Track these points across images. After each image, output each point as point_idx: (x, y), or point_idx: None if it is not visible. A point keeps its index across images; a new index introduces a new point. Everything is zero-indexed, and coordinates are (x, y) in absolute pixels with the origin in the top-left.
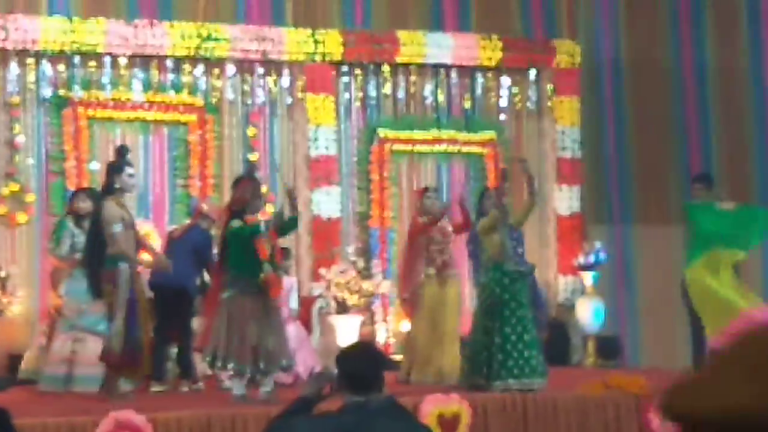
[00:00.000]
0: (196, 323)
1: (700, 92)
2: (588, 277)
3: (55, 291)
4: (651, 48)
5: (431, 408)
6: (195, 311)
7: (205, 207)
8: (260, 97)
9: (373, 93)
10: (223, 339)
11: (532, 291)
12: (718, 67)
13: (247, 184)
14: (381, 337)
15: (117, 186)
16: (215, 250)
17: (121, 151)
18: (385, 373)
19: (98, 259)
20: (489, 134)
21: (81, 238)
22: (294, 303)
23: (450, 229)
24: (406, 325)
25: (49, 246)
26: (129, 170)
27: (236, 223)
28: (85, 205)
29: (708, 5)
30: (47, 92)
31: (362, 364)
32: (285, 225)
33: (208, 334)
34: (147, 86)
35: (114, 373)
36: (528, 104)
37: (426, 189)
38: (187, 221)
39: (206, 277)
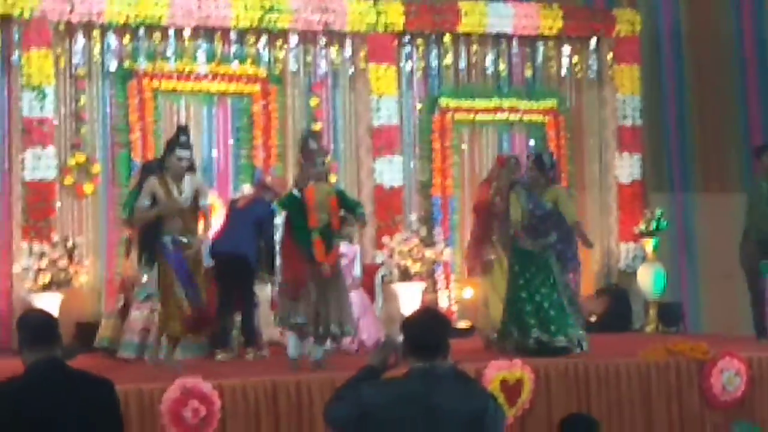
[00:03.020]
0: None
1: (761, 61)
2: (649, 244)
3: (128, 260)
4: (711, 16)
5: (494, 373)
6: (257, 279)
7: (269, 179)
8: (323, 67)
9: (434, 63)
10: (287, 299)
11: (563, 257)
12: None
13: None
14: (443, 304)
15: (166, 165)
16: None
17: (178, 132)
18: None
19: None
20: (550, 103)
21: None
22: (357, 271)
23: None
24: (468, 292)
25: (123, 216)
26: (180, 152)
27: (292, 193)
28: None
29: None
30: (112, 64)
31: (427, 330)
32: (351, 209)
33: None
34: (211, 58)
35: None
36: (589, 73)
37: (509, 159)
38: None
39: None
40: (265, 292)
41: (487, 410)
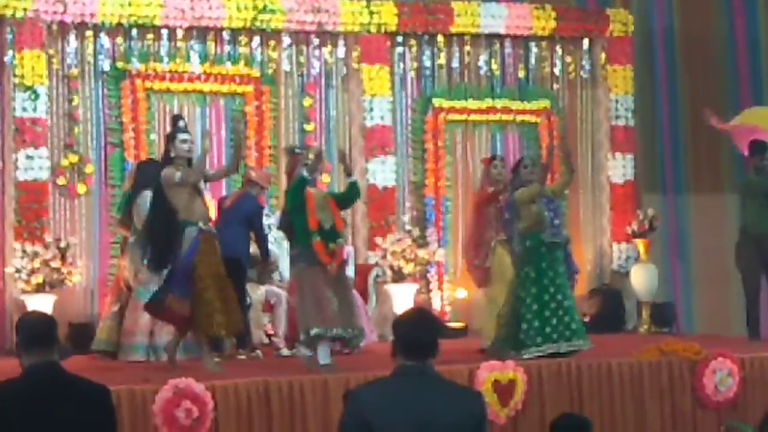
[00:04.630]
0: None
1: (753, 61)
2: (642, 245)
3: (127, 261)
4: (704, 17)
5: (487, 375)
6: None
7: (253, 174)
8: (316, 68)
9: (427, 63)
10: (301, 312)
11: (567, 261)
12: None
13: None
14: (436, 304)
15: (172, 154)
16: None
17: (174, 120)
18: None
19: (164, 229)
20: (543, 103)
21: None
22: (350, 272)
23: None
24: (461, 293)
25: (117, 216)
26: (181, 136)
27: (303, 176)
28: None
29: None
30: (105, 65)
31: (418, 330)
32: (345, 195)
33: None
34: (204, 58)
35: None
36: (582, 73)
37: (493, 158)
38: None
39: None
40: (257, 293)
41: (481, 412)
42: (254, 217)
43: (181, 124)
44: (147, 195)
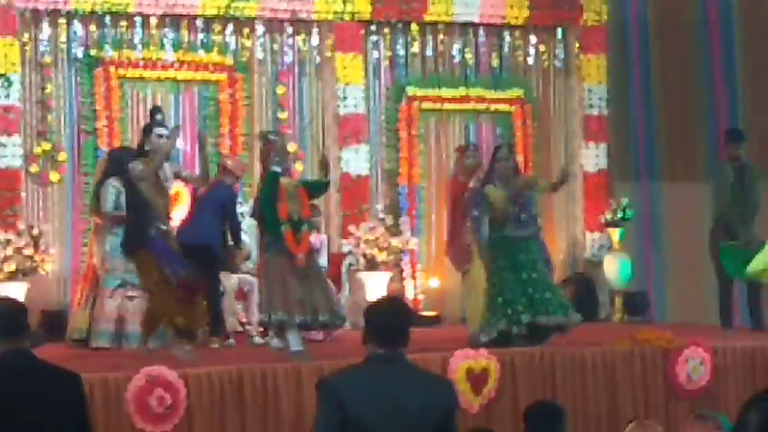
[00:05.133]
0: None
1: (726, 50)
2: (615, 234)
3: (97, 248)
4: (677, 5)
5: (460, 363)
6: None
7: (229, 162)
8: (289, 56)
9: (401, 52)
10: (266, 296)
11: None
12: (744, 22)
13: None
14: (409, 293)
15: (147, 147)
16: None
17: (152, 112)
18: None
19: (135, 215)
20: (517, 92)
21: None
22: (324, 260)
23: None
24: (434, 282)
25: (92, 204)
26: (158, 130)
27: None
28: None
29: None
30: (79, 52)
31: (390, 317)
32: (316, 188)
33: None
34: (177, 46)
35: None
36: (555, 62)
37: (467, 147)
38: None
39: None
40: (231, 281)
41: (452, 401)
42: (228, 205)
43: (158, 117)
44: (111, 183)
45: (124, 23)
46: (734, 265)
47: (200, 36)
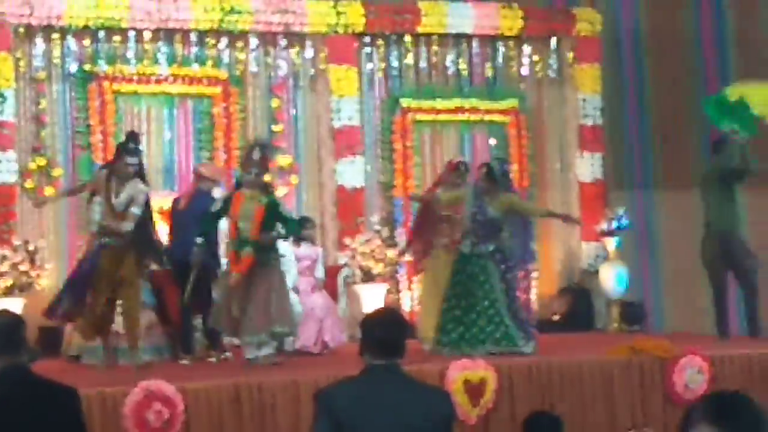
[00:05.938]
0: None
1: (720, 60)
2: (611, 243)
3: None
4: (671, 15)
5: (457, 374)
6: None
7: (203, 170)
8: (283, 69)
9: (395, 63)
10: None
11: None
12: (737, 34)
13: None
14: (406, 305)
15: (115, 167)
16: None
17: (128, 138)
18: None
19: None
20: (511, 103)
21: None
22: (320, 273)
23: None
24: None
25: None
26: (127, 159)
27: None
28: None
29: None
30: (73, 67)
31: (386, 329)
32: (284, 223)
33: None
34: (171, 60)
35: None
36: (549, 72)
37: (459, 165)
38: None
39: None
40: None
41: (450, 412)
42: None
43: (130, 146)
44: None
45: (117, 38)
46: (719, 114)
47: (194, 50)
